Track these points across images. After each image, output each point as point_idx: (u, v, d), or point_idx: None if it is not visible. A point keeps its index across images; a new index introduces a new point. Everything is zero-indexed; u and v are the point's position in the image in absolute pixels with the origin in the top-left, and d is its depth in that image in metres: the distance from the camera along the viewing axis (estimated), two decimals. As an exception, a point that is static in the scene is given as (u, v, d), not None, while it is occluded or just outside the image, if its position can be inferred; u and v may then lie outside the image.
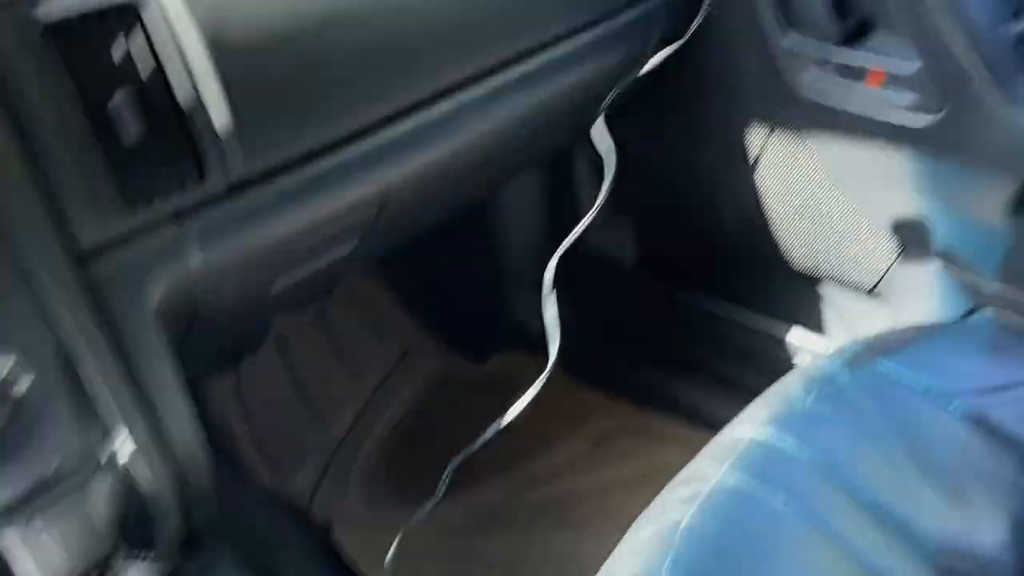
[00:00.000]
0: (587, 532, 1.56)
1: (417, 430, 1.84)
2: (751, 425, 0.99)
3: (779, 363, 1.58)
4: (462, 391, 1.91)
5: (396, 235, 1.26)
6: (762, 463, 0.94)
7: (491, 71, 1.09)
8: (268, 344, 1.85)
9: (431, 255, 2.01)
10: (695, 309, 1.67)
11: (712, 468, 0.94)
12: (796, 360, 1.57)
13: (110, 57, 0.76)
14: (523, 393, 1.15)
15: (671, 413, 1.70)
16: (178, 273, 0.88)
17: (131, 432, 0.83)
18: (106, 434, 0.82)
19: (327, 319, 1.96)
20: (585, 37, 1.20)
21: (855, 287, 1.45)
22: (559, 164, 1.73)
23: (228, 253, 0.92)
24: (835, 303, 1.52)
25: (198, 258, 0.89)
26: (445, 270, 2.01)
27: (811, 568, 0.85)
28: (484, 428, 1.14)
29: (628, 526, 1.55)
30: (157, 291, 0.85)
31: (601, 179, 1.73)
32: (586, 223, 1.22)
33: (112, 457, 0.83)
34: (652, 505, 0.95)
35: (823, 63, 1.24)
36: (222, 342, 1.12)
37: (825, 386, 1.02)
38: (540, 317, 1.98)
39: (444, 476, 1.08)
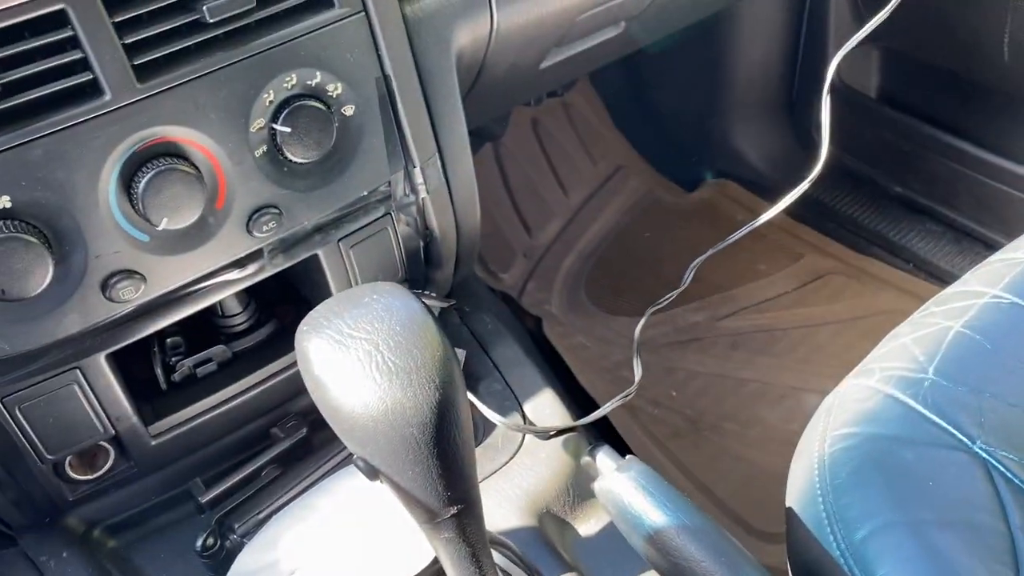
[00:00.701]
0: (789, 361, 1.57)
1: (619, 247, 1.87)
2: (1030, 251, 0.95)
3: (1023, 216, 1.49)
4: (668, 215, 1.91)
5: (660, 25, 1.23)
6: (1041, 286, 0.90)
7: None
8: (487, 151, 1.90)
9: (651, 78, 1.98)
10: (938, 150, 1.58)
11: (983, 288, 0.91)
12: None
13: None
14: (730, 222, 1.13)
15: (893, 259, 1.65)
16: (476, 28, 0.90)
17: (426, 174, 0.89)
18: (409, 172, 0.88)
19: (543, 134, 1.98)
20: None
21: None
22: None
23: (518, 17, 0.94)
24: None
25: (494, 16, 0.91)
26: (664, 94, 1.97)
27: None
28: (687, 251, 1.14)
29: (834, 362, 1.55)
30: (458, 40, 0.89)
31: (858, 8, 1.62)
32: (862, 35, 1.14)
33: (411, 194, 0.89)
34: (910, 319, 0.93)
35: None
36: (485, 116, 1.15)
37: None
38: (757, 147, 1.94)
39: (688, 271, 1.10)
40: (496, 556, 0.78)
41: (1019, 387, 0.82)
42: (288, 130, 0.76)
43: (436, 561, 0.73)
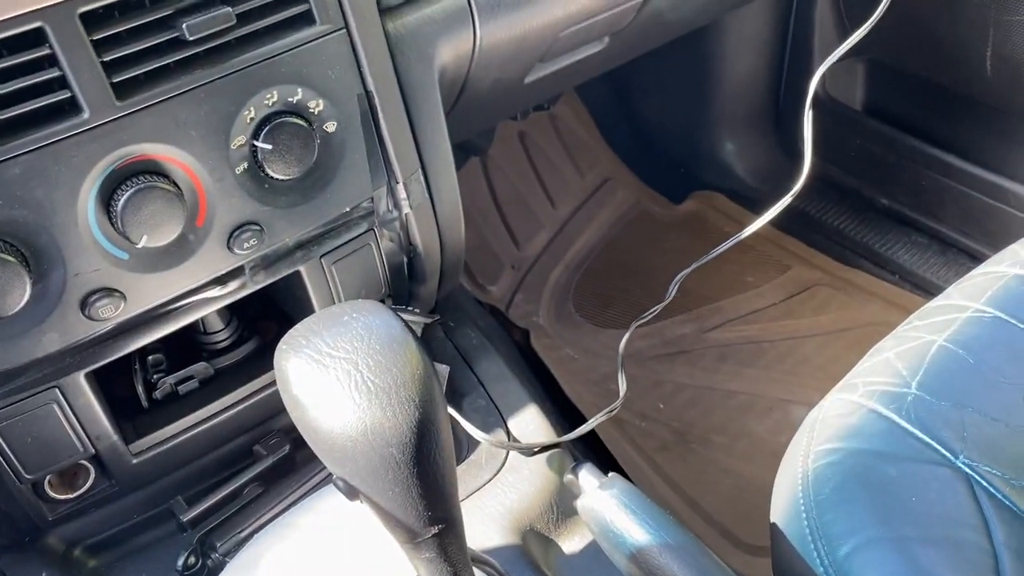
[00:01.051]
0: (776, 373, 1.57)
1: (606, 258, 1.87)
2: (1012, 264, 0.95)
3: (1008, 228, 1.49)
4: (656, 226, 1.91)
5: (644, 40, 1.24)
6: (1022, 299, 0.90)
7: None
8: (475, 164, 1.90)
9: (639, 91, 1.98)
10: (923, 162, 1.59)
11: (966, 302, 0.91)
12: (1029, 227, 1.48)
13: None
14: (717, 234, 1.13)
15: (880, 271, 1.65)
16: (459, 44, 0.90)
17: (409, 189, 0.88)
18: (392, 187, 0.87)
19: (531, 146, 1.98)
20: None
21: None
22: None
23: (501, 33, 0.94)
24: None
25: (476, 32, 0.91)
26: (651, 107, 1.98)
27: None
28: (674, 263, 1.14)
29: (821, 374, 1.55)
30: (440, 56, 0.89)
31: (842, 21, 1.63)
32: (846, 47, 1.15)
33: (394, 210, 0.89)
34: (893, 333, 0.93)
35: None
36: (469, 130, 1.15)
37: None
38: (743, 159, 1.94)
39: (672, 285, 1.10)
40: (479, 574, 0.78)
41: (1001, 401, 0.82)
42: (269, 147, 0.76)
43: (418, 580, 0.73)
